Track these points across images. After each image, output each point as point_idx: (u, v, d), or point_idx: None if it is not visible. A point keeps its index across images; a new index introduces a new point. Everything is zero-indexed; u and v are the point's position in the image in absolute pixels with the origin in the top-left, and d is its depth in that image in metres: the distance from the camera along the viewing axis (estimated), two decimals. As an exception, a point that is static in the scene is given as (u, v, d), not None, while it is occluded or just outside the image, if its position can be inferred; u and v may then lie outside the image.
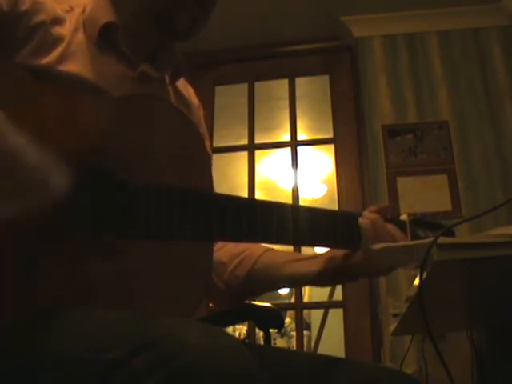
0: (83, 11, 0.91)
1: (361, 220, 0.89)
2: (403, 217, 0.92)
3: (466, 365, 1.37)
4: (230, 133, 2.95)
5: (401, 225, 0.91)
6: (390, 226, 0.89)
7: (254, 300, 1.27)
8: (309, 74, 3.00)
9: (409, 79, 2.63)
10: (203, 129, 1.06)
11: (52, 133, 0.73)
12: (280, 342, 4.50)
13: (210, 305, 2.13)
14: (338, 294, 2.60)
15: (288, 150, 2.85)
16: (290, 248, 1.49)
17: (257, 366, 0.59)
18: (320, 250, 0.98)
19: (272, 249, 1.00)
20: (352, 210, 0.97)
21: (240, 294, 1.00)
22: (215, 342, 0.58)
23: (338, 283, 1.81)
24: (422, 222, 0.93)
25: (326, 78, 2.90)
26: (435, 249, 0.69)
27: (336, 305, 2.74)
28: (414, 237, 0.90)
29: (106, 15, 0.89)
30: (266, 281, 0.98)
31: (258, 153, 2.93)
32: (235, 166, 3.35)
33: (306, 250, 2.50)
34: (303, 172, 3.73)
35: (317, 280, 0.93)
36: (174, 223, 0.75)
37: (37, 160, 0.65)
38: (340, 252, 0.92)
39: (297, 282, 1.13)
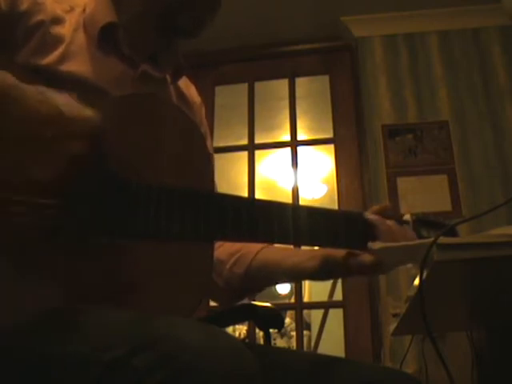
0: (83, 11, 0.91)
1: (373, 217, 0.88)
2: (406, 216, 0.92)
3: (466, 365, 1.37)
4: (230, 133, 2.95)
5: (403, 224, 0.91)
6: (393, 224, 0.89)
7: (254, 300, 1.27)
8: (309, 74, 3.00)
9: (409, 79, 2.63)
10: (205, 128, 1.06)
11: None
12: (280, 342, 4.50)
13: (211, 305, 2.13)
14: (338, 294, 2.60)
15: (288, 149, 2.85)
16: (290, 247, 1.49)
17: (257, 365, 0.59)
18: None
19: (270, 245, 1.00)
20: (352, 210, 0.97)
21: (239, 291, 1.00)
22: (215, 341, 0.58)
23: (336, 278, 1.81)
24: (425, 222, 0.93)
25: (325, 78, 2.90)
26: (435, 249, 0.69)
27: (336, 305, 2.74)
28: (418, 236, 0.90)
29: (107, 15, 0.89)
30: (265, 277, 0.98)
31: (258, 153, 2.93)
32: (235, 166, 3.35)
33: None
34: (303, 172, 3.73)
35: (314, 275, 0.93)
36: (174, 223, 0.75)
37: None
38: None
39: (295, 277, 1.13)
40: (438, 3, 2.65)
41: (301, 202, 2.91)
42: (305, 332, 4.10)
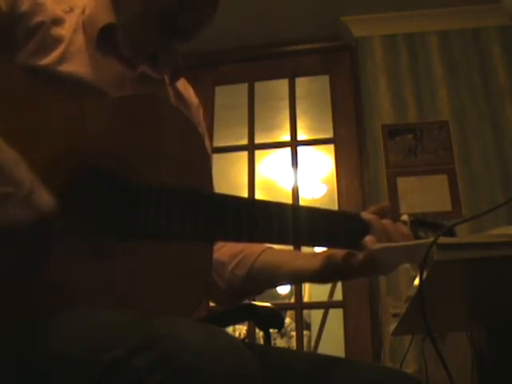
0: (83, 12, 0.91)
1: (368, 216, 0.88)
2: (404, 217, 0.92)
3: (466, 365, 1.37)
4: (230, 133, 2.95)
5: (397, 222, 0.91)
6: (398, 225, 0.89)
7: (254, 300, 1.27)
8: (309, 74, 3.00)
9: (409, 79, 2.64)
10: (202, 129, 1.06)
11: (52, 133, 0.73)
12: (280, 342, 4.50)
13: (211, 305, 2.13)
14: (338, 294, 2.60)
15: (288, 149, 2.85)
16: (290, 248, 1.50)
17: (257, 365, 0.59)
18: (319, 250, 0.98)
19: (271, 247, 1.00)
20: (352, 210, 0.97)
21: (241, 292, 1.00)
22: (215, 341, 0.58)
23: (338, 280, 1.81)
24: (422, 223, 0.93)
25: (325, 78, 2.90)
26: (435, 249, 0.69)
27: (336, 305, 2.73)
28: (416, 237, 0.90)
29: (106, 16, 0.89)
30: (266, 279, 0.98)
31: (258, 153, 2.93)
32: (235, 166, 3.35)
33: (305, 250, 2.50)
34: (303, 172, 3.73)
35: (316, 277, 0.93)
36: (174, 223, 0.75)
37: (24, 174, 0.64)
38: (339, 250, 0.91)
39: (296, 279, 1.14)
40: (437, 3, 2.65)
41: (301, 202, 2.91)
42: (305, 332, 4.10)
